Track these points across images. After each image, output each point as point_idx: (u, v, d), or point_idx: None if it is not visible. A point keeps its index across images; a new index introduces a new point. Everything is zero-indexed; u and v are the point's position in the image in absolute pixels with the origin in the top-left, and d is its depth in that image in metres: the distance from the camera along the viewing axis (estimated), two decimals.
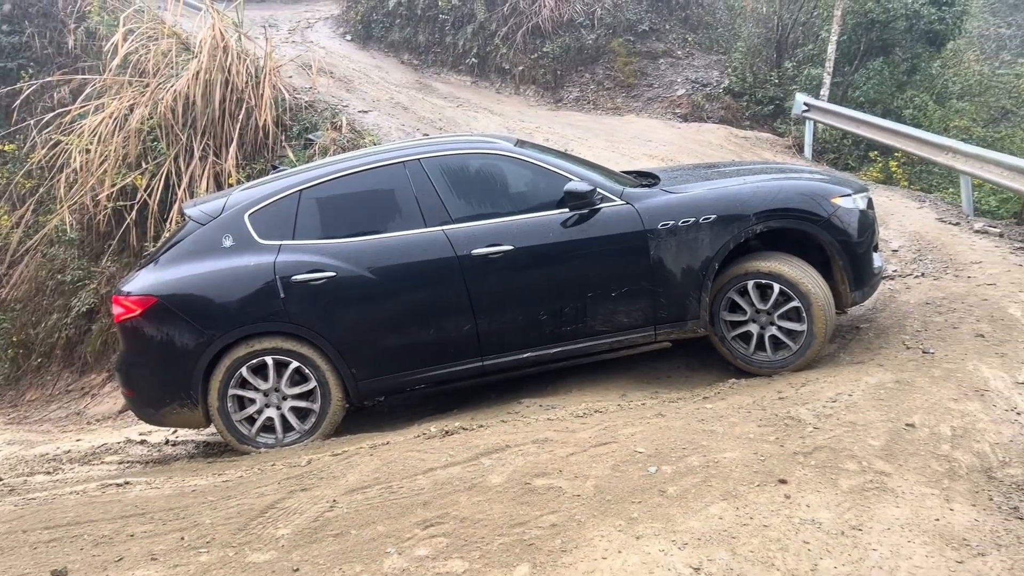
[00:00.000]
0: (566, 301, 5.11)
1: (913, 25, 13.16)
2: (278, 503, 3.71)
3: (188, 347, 4.99)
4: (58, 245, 10.48)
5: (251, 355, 5.02)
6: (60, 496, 4.42)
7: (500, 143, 5.44)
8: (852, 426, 3.96)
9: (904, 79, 13.78)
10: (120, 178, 9.74)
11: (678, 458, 3.74)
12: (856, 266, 5.19)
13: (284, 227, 5.17)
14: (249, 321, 4.99)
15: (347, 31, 17.30)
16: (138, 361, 5.21)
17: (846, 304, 5.32)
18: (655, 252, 5.08)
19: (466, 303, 5.05)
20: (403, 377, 5.18)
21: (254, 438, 5.12)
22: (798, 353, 5.11)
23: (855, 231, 5.16)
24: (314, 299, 4.99)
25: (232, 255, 5.10)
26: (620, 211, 5.12)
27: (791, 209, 5.12)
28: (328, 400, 5.09)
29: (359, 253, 5.06)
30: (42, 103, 12.46)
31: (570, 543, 3.08)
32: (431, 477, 3.81)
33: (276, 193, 5.27)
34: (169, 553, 3.32)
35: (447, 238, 5.06)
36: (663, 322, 5.19)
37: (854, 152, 13.12)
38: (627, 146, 11.74)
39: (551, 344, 5.17)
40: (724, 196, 5.19)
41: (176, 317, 5.00)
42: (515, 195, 5.28)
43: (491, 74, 15.92)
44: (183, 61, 10.40)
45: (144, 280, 5.15)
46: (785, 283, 5.04)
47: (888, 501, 3.28)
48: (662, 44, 15.75)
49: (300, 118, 10.50)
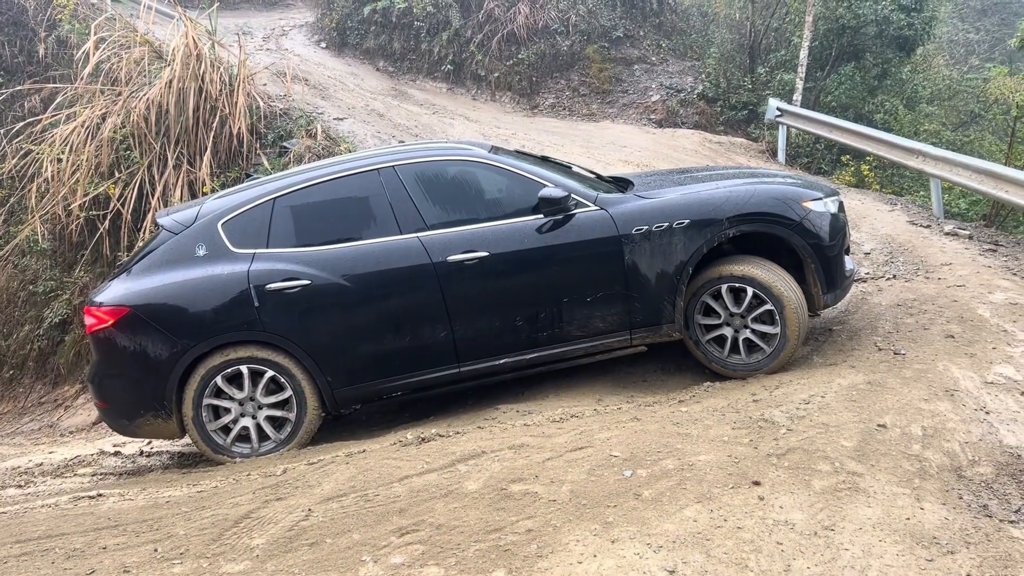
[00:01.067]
0: (542, 307, 5.13)
1: (883, 31, 13.35)
2: (253, 513, 3.69)
3: (162, 357, 4.95)
4: (30, 255, 10.34)
5: (225, 364, 4.99)
6: (31, 510, 4.36)
7: (475, 150, 5.45)
8: (825, 427, 4.00)
9: (875, 84, 13.97)
10: (93, 187, 9.64)
11: (653, 461, 3.76)
12: (828, 269, 5.24)
13: (258, 235, 5.14)
14: (223, 330, 4.96)
15: (322, 38, 17.26)
16: (111, 372, 5.16)
17: (819, 307, 5.37)
18: (629, 257, 5.10)
19: (442, 310, 5.05)
20: (379, 385, 5.16)
21: (229, 448, 5.09)
22: (772, 356, 5.15)
23: (826, 234, 5.22)
24: (289, 307, 4.97)
25: (205, 264, 5.07)
26: (594, 216, 5.14)
27: (763, 213, 5.16)
28: (304, 409, 5.07)
29: (334, 261, 5.04)
30: (12, 112, 12.31)
31: (546, 548, 3.09)
32: (407, 484, 3.80)
33: (250, 201, 5.24)
34: (142, 565, 3.29)
35: (422, 245, 5.05)
36: (638, 326, 5.21)
37: (827, 156, 13.29)
38: (603, 152, 11.80)
39: (528, 350, 5.18)
40: (697, 201, 5.22)
41: (149, 327, 4.96)
42: (490, 202, 5.29)
43: (467, 81, 15.94)
44: (156, 69, 10.32)
45: (116, 290, 5.11)
46: (758, 286, 5.09)
47: (860, 501, 3.31)
48: (636, 50, 15.86)
49: (275, 126, 10.46)
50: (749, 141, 13.88)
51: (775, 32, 15.46)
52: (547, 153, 11.26)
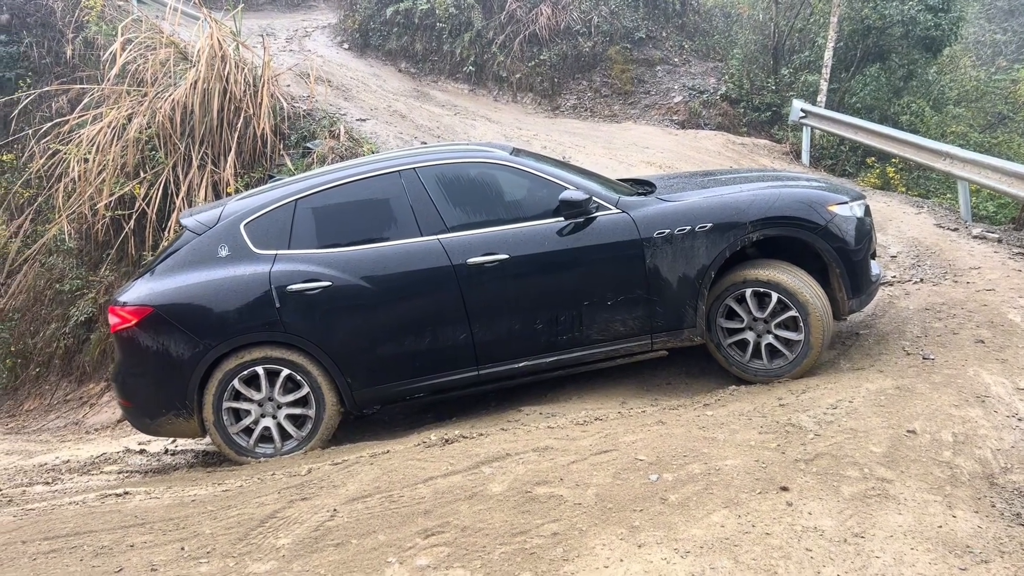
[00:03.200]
0: (562, 310, 5.11)
1: (909, 31, 13.20)
2: (278, 512, 3.70)
3: (184, 357, 4.98)
4: (56, 255, 10.47)
5: (246, 365, 5.02)
6: (59, 507, 4.40)
7: (496, 152, 5.43)
8: (853, 433, 3.96)
9: (901, 85, 13.82)
10: (118, 187, 9.73)
11: (679, 466, 3.73)
12: (853, 274, 5.17)
13: (280, 236, 5.17)
14: (244, 331, 4.99)
15: (344, 40, 17.33)
16: (134, 371, 5.20)
17: (843, 312, 5.30)
18: (651, 260, 5.07)
19: (462, 312, 5.05)
20: (399, 386, 5.17)
21: (252, 448, 5.12)
22: (794, 363, 5.10)
23: (852, 239, 5.16)
24: (310, 309, 4.99)
25: (228, 265, 5.09)
26: (616, 219, 5.12)
27: (788, 217, 5.11)
28: (323, 409, 5.09)
29: (355, 262, 5.05)
30: (40, 113, 12.46)
31: (572, 552, 3.07)
32: (432, 486, 3.80)
33: (272, 203, 5.27)
34: (169, 563, 3.31)
35: (443, 247, 5.05)
36: (659, 330, 5.18)
37: (851, 158, 13.15)
38: (625, 153, 11.75)
39: (547, 353, 5.16)
40: (720, 204, 5.18)
41: (172, 327, 4.99)
42: (511, 204, 5.28)
43: (488, 82, 15.95)
44: (181, 70, 10.41)
45: (140, 290, 5.15)
46: (784, 292, 5.04)
47: (890, 508, 3.27)
48: (659, 51, 15.80)
49: (298, 127, 10.51)
50: (772, 143, 13.78)
51: (799, 33, 15.33)
52: (569, 154, 11.27)
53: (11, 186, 11.84)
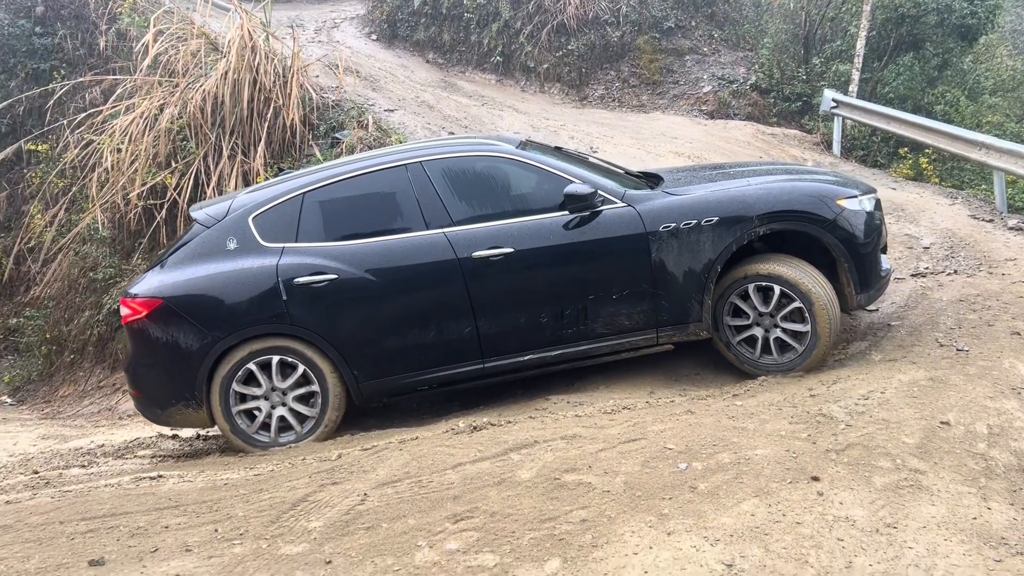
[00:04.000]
0: (567, 303, 5.08)
1: (944, 19, 12.97)
2: (309, 496, 3.74)
3: (192, 348, 5.06)
4: (90, 243, 10.62)
5: (254, 356, 5.08)
6: (95, 489, 4.48)
7: (502, 145, 5.43)
8: (885, 424, 3.92)
9: (935, 74, 13.59)
10: (150, 177, 9.86)
11: (709, 455, 3.72)
12: (862, 268, 5.10)
13: (287, 229, 5.21)
14: (252, 323, 5.05)
15: (372, 31, 17.38)
16: (144, 362, 5.29)
17: (851, 306, 5.23)
18: (656, 254, 5.03)
19: (467, 305, 5.05)
20: (405, 379, 5.19)
21: (256, 437, 5.18)
22: (804, 355, 5.04)
23: (861, 233, 5.08)
24: (316, 301, 5.03)
25: (236, 257, 5.16)
26: (621, 213, 5.08)
27: (796, 211, 5.04)
28: (329, 401, 5.14)
29: (361, 255, 5.08)
30: (74, 104, 12.62)
31: (601, 538, 3.08)
32: (460, 472, 3.82)
33: (280, 196, 5.32)
34: (203, 545, 3.36)
35: (448, 240, 5.06)
36: (665, 324, 5.14)
37: (883, 149, 12.97)
38: (653, 143, 11.69)
39: (552, 346, 5.14)
40: (727, 198, 5.12)
41: (180, 319, 5.07)
42: (516, 197, 5.26)
43: (516, 72, 15.91)
44: (212, 61, 10.50)
45: (150, 282, 5.24)
46: (785, 284, 4.98)
47: (923, 499, 3.24)
48: (688, 41, 15.66)
49: (327, 117, 10.57)
50: (803, 133, 13.62)
51: (831, 22, 15.12)
52: (596, 144, 11.23)
53: (46, 176, 12.03)
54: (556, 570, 2.89)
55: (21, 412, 10.01)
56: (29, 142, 12.61)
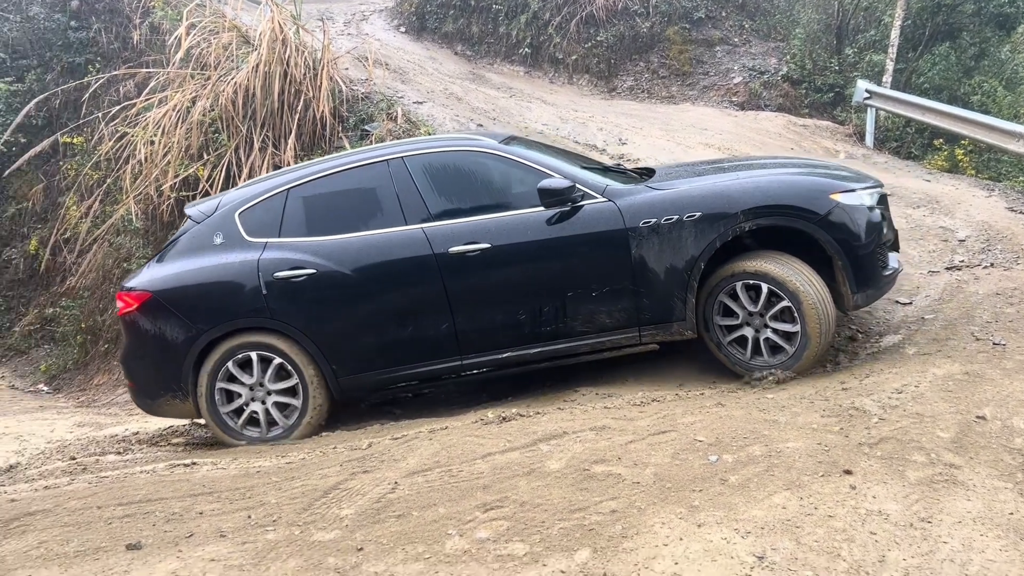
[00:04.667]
0: (545, 301, 5.02)
1: (982, 8, 12.72)
2: (341, 484, 3.78)
3: (178, 340, 5.18)
4: (124, 235, 10.79)
5: (236, 350, 5.18)
6: (131, 475, 4.56)
7: (484, 140, 5.37)
8: (919, 417, 3.87)
9: (972, 64, 13.34)
10: (183, 169, 9.98)
11: (739, 447, 3.70)
12: (858, 266, 4.87)
13: (271, 225, 5.29)
14: (234, 316, 5.15)
15: (401, 23, 17.42)
16: (136, 354, 5.44)
17: (848, 307, 5.03)
18: (636, 250, 4.91)
19: (443, 301, 5.03)
20: (383, 374, 5.21)
21: (240, 431, 5.28)
22: (795, 356, 4.86)
23: (857, 229, 4.85)
24: (295, 296, 5.08)
25: (221, 252, 5.26)
26: (601, 208, 4.98)
27: (783, 206, 4.85)
28: (309, 396, 5.18)
29: (339, 251, 5.11)
30: (109, 97, 12.79)
31: (631, 529, 3.08)
32: (490, 462, 3.84)
33: (265, 192, 5.40)
34: (237, 530, 3.41)
35: (425, 236, 5.05)
36: (647, 323, 5.03)
37: (917, 140, 12.76)
38: (683, 135, 11.60)
39: (532, 344, 5.09)
40: (710, 193, 4.97)
41: (168, 312, 5.20)
42: (496, 193, 5.22)
43: (544, 64, 15.87)
44: (243, 54, 10.59)
45: (144, 276, 5.40)
46: (772, 282, 4.81)
47: (959, 494, 3.20)
48: (718, 31, 15.52)
49: (356, 109, 10.62)
50: (835, 124, 13.44)
51: (864, 11, 14.89)
52: (625, 136, 11.18)
53: (81, 168, 12.21)
54: (586, 560, 2.90)
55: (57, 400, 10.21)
56: (65, 135, 12.81)
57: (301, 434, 5.20)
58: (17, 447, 6.44)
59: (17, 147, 13.19)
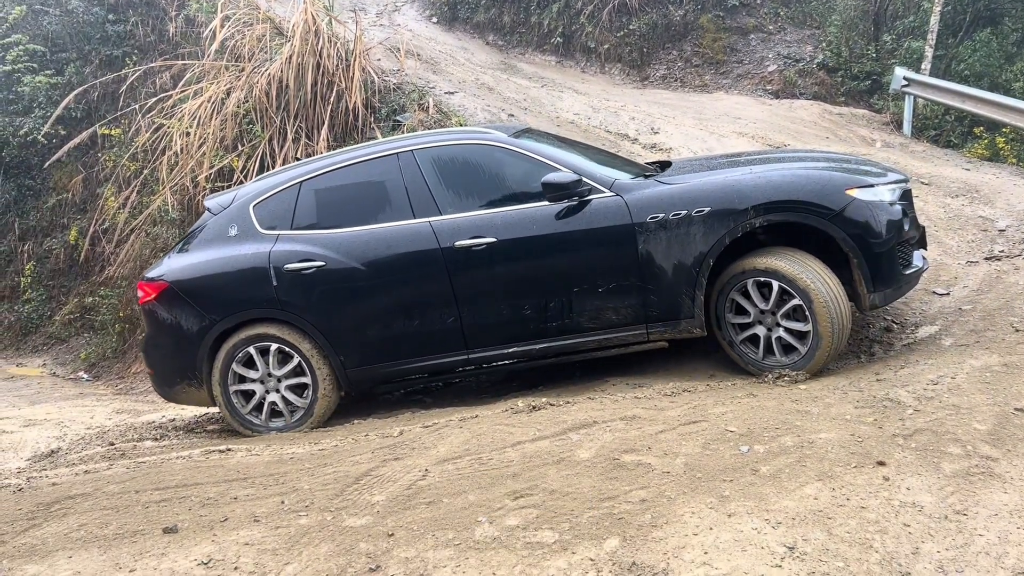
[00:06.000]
0: (551, 296, 4.98)
1: None
2: (372, 471, 3.82)
3: (193, 330, 5.29)
4: (160, 225, 10.96)
5: (249, 340, 5.27)
6: (168, 460, 4.65)
7: (493, 134, 5.34)
8: (956, 409, 3.81)
9: (1014, 51, 13.02)
10: (218, 160, 10.11)
11: (771, 438, 3.67)
12: (875, 264, 4.69)
13: (284, 217, 5.36)
14: (245, 307, 5.23)
15: (433, 13, 17.43)
16: (155, 342, 5.57)
17: (864, 307, 4.86)
18: (643, 246, 4.83)
19: (450, 295, 5.03)
20: (390, 367, 5.24)
21: (252, 420, 5.39)
22: (807, 356, 4.72)
23: (874, 226, 4.67)
24: (305, 288, 5.14)
25: (235, 244, 5.35)
26: (608, 203, 4.90)
27: (795, 201, 4.70)
28: (318, 387, 5.25)
29: (348, 243, 5.15)
30: (145, 89, 13.00)
31: (660, 518, 3.07)
32: (520, 450, 3.86)
33: (279, 184, 5.48)
34: (271, 515, 3.47)
35: (432, 230, 5.05)
36: (655, 320, 4.95)
37: (957, 128, 12.50)
38: (716, 124, 11.49)
39: (537, 340, 5.07)
40: (720, 187, 4.84)
41: (183, 301, 5.31)
42: (504, 187, 5.17)
43: (576, 53, 15.79)
44: (277, 45, 10.69)
45: (163, 267, 5.52)
46: (782, 279, 4.67)
47: (995, 487, 3.14)
48: (753, 19, 15.31)
49: (388, 100, 10.67)
50: (872, 113, 13.21)
51: None
52: (658, 125, 11.10)
53: (119, 159, 12.43)
54: (615, 548, 2.90)
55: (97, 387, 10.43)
56: (103, 126, 13.04)
57: (310, 424, 5.29)
58: (58, 433, 6.60)
59: (57, 139, 13.47)
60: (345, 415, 5.56)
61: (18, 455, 5.95)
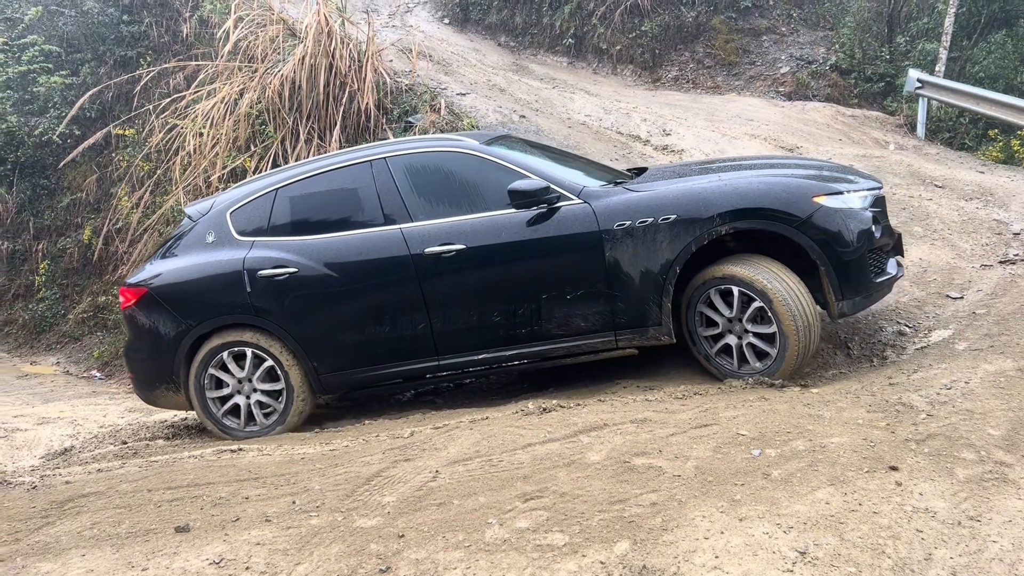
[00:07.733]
0: (520, 303, 5.00)
1: None
2: (383, 472, 3.83)
3: (170, 335, 5.38)
4: (173, 225, 10.98)
5: (225, 345, 5.33)
6: (180, 460, 4.68)
7: (466, 141, 5.38)
8: (969, 414, 3.79)
9: None
10: (230, 161, 10.15)
11: (783, 442, 3.66)
12: (843, 272, 4.68)
13: (259, 224, 5.42)
14: (220, 313, 5.30)
15: (445, 14, 17.45)
16: (135, 346, 5.68)
17: (833, 315, 4.83)
18: (610, 253, 4.83)
19: (420, 302, 5.07)
20: (363, 373, 5.28)
21: (227, 423, 5.45)
22: (779, 359, 4.72)
23: (842, 233, 4.67)
24: (278, 294, 5.20)
25: (212, 250, 5.42)
26: (576, 210, 4.92)
27: (761, 208, 4.69)
28: (292, 392, 5.30)
29: (320, 250, 5.20)
30: (159, 89, 13.06)
31: (671, 522, 3.06)
32: (530, 452, 3.85)
33: (256, 191, 5.54)
34: (282, 515, 3.48)
35: (403, 236, 5.09)
36: (623, 327, 4.95)
37: (971, 131, 12.43)
38: (728, 126, 11.46)
39: (507, 346, 5.08)
40: (686, 195, 4.84)
41: (161, 307, 5.40)
42: (475, 194, 5.18)
43: (588, 54, 15.78)
44: (289, 46, 10.72)
45: (143, 272, 5.62)
46: (741, 284, 4.69)
47: (1010, 493, 3.12)
48: (765, 20, 15.27)
49: (400, 101, 10.68)
50: (885, 115, 13.15)
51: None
52: (669, 127, 11.07)
53: (133, 159, 12.50)
54: (625, 552, 2.89)
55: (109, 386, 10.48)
56: (117, 127, 13.11)
57: (284, 428, 5.34)
58: (72, 431, 6.65)
59: (72, 139, 13.56)
60: (356, 415, 5.58)
61: (32, 453, 6.00)
